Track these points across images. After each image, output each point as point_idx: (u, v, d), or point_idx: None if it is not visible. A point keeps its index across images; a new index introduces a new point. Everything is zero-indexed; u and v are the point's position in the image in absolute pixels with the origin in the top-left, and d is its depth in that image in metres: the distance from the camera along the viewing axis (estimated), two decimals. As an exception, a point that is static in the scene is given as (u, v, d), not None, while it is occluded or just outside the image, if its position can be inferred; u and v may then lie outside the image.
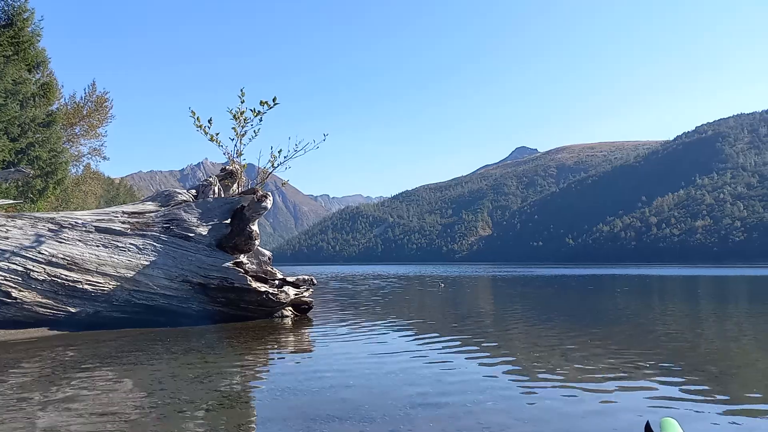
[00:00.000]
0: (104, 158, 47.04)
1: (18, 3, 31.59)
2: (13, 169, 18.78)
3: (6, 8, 31.81)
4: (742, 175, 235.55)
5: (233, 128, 12.97)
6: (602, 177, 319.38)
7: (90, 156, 46.50)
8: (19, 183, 30.01)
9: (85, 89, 44.29)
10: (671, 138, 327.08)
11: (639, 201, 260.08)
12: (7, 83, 28.22)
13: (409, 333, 10.52)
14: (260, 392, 5.92)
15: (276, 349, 9.11)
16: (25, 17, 32.00)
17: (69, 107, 40.98)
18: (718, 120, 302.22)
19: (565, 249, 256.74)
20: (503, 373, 6.80)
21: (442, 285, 29.14)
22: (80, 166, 50.15)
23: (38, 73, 34.44)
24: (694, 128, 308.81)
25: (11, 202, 21.14)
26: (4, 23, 31.61)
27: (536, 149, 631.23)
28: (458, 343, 9.26)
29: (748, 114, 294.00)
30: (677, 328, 11.19)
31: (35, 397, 5.58)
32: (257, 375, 7.03)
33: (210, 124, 13.03)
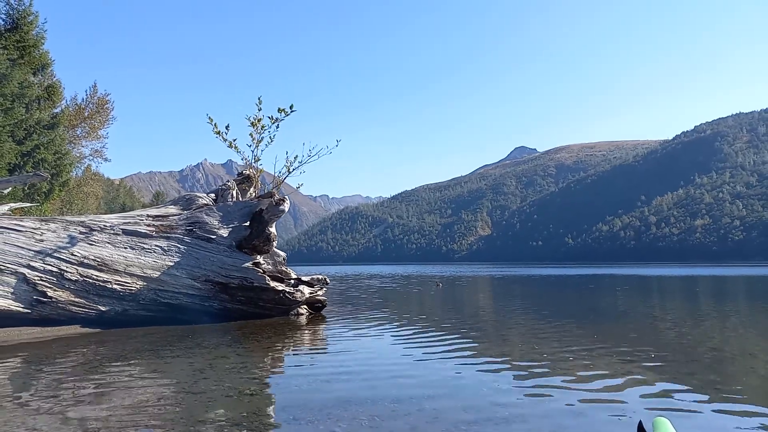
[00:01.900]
0: (106, 160, 47.39)
1: (23, 7, 32.25)
2: (32, 173, 19.43)
3: (11, 12, 32.45)
4: (741, 174, 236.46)
5: (250, 134, 13.61)
6: (601, 176, 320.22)
7: (91, 157, 46.83)
8: (26, 186, 30.52)
9: (86, 91, 44.70)
10: (670, 137, 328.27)
11: (638, 200, 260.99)
12: (13, 87, 28.77)
13: (413, 330, 11.10)
14: (296, 380, 6.52)
15: (298, 343, 9.73)
16: (29, 20, 32.65)
17: (71, 109, 41.35)
18: (717, 119, 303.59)
19: (565, 248, 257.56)
20: (509, 370, 7.43)
21: (439, 285, 30.06)
22: (81, 168, 50.45)
23: (40, 76, 34.97)
24: (693, 128, 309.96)
25: (28, 204, 21.74)
26: (9, 27, 32.22)
27: (535, 149, 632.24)
28: (462, 339, 9.92)
29: (746, 113, 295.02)
30: (676, 327, 11.57)
31: (92, 386, 6.19)
32: (288, 366, 7.64)
33: (227, 130, 13.67)
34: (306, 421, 4.74)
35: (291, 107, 13.21)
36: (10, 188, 17.63)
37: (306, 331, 11.16)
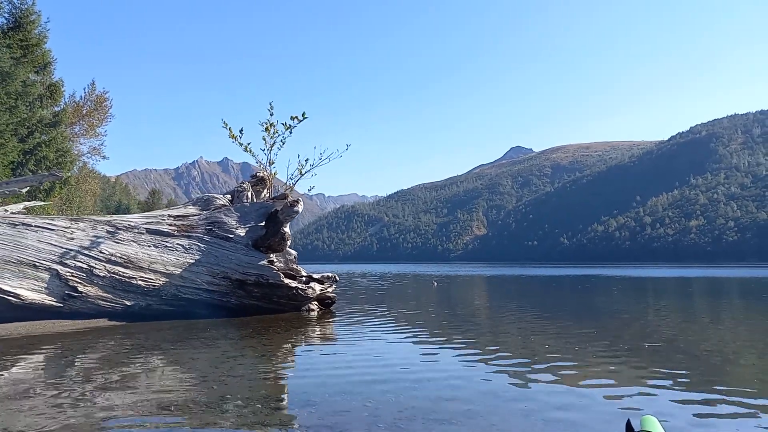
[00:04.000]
0: (104, 157, 47.62)
1: (25, 6, 32.81)
2: (47, 173, 20.08)
3: (14, 11, 33.01)
4: (736, 176, 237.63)
5: (263, 138, 14.34)
6: (597, 177, 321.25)
7: (90, 155, 46.90)
8: (41, 185, 31.02)
9: (84, 88, 44.81)
10: (666, 138, 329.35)
11: (633, 201, 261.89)
12: (17, 85, 29.35)
13: (416, 325, 11.89)
14: (322, 365, 7.26)
15: (315, 335, 10.46)
16: (32, 19, 33.20)
17: (69, 107, 41.39)
18: (712, 120, 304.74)
19: (560, 248, 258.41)
20: (510, 361, 8.17)
21: (435, 283, 30.92)
22: (78, 165, 50.26)
23: (42, 75, 35.44)
24: (688, 128, 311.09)
25: (41, 203, 22.44)
26: (11, 25, 32.78)
27: (531, 149, 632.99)
28: (462, 333, 10.72)
29: (741, 114, 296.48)
30: (670, 326, 12.18)
31: (137, 371, 6.91)
32: (311, 354, 8.36)
33: (241, 133, 14.39)
34: (341, 397, 5.46)
35: (303, 114, 13.93)
36: (28, 187, 18.31)
37: (319, 325, 11.87)
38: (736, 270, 67.03)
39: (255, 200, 14.18)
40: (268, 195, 14.55)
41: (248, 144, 14.36)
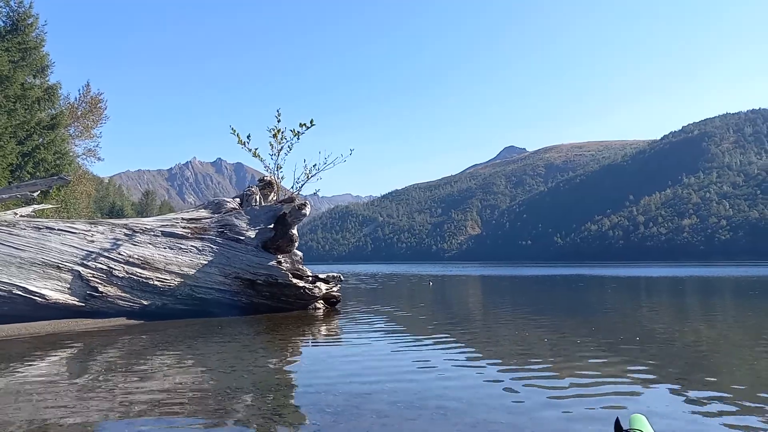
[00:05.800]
0: (99, 159, 47.75)
1: (23, 9, 33.25)
2: (56, 177, 20.63)
3: (11, 14, 33.46)
4: (728, 175, 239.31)
5: (270, 143, 14.98)
6: (590, 176, 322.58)
7: (84, 157, 46.86)
8: (50, 188, 31.33)
9: (79, 90, 44.80)
10: (658, 138, 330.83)
11: (626, 200, 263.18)
12: (15, 89, 29.80)
13: (416, 322, 12.56)
14: (338, 356, 7.94)
15: (325, 331, 11.16)
16: (29, 23, 33.64)
17: (64, 108, 41.21)
18: (704, 120, 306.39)
19: (554, 248, 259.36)
20: (501, 358, 8.83)
21: (431, 283, 31.69)
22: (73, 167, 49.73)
23: (41, 78, 35.82)
24: (680, 128, 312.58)
25: (50, 206, 22.98)
26: (9, 28, 33.22)
27: (525, 148, 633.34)
28: (458, 329, 11.40)
29: (733, 114, 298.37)
30: (661, 323, 12.69)
31: (168, 363, 7.54)
32: (327, 347, 9.05)
33: (249, 139, 15.03)
34: (359, 382, 6.11)
35: (311, 122, 14.61)
36: (38, 191, 18.83)
37: (327, 322, 12.53)
38: (728, 269, 67.71)
39: (263, 203, 14.81)
40: (275, 198, 15.18)
41: (256, 149, 14.97)
